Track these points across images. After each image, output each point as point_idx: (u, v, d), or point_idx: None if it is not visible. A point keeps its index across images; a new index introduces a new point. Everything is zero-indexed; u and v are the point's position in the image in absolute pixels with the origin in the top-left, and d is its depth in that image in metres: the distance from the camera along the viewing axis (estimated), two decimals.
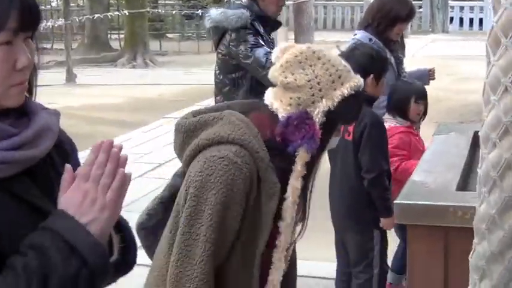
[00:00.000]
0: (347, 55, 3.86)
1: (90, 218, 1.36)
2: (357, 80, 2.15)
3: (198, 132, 2.13)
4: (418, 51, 19.46)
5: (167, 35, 24.96)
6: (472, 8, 26.82)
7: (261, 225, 2.10)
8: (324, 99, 2.08)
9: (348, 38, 4.97)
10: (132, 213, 2.43)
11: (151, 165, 8.28)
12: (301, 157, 2.09)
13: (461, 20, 27.10)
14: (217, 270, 2.08)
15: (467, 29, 26.54)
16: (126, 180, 1.41)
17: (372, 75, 3.84)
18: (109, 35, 22.67)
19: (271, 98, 2.14)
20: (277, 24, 4.77)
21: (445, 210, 2.36)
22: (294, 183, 2.12)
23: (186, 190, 2.07)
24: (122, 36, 20.87)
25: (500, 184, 1.25)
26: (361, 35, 4.59)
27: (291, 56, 2.13)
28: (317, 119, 2.07)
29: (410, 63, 4.94)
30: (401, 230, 4.28)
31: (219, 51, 4.63)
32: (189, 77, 16.05)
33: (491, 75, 1.25)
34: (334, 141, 2.23)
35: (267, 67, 4.41)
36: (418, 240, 2.42)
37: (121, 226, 1.54)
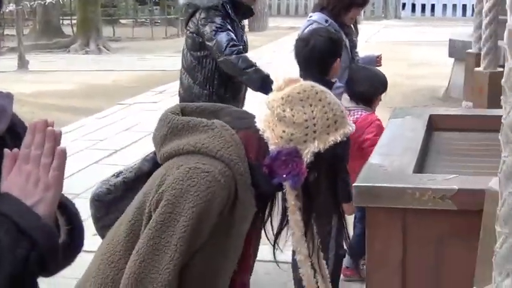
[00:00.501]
0: (307, 42, 3.89)
1: (35, 199, 1.37)
2: (350, 128, 2.16)
3: (184, 133, 2.11)
4: (371, 37, 19.61)
5: (120, 20, 24.74)
6: None
7: (229, 247, 2.12)
8: (316, 141, 2.09)
9: (300, 24, 4.99)
10: (87, 200, 2.42)
11: (107, 152, 8.22)
12: (289, 192, 2.11)
13: (413, 6, 27.38)
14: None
15: (420, 15, 26.82)
16: (65, 156, 1.42)
17: (338, 59, 3.91)
18: (61, 21, 22.37)
19: (263, 124, 2.13)
20: (249, 11, 4.78)
21: (402, 192, 2.39)
22: (293, 216, 2.14)
23: (160, 192, 2.04)
24: (74, 21, 20.62)
25: None
26: (317, 16, 4.61)
27: (294, 91, 2.13)
28: (306, 158, 2.08)
29: (364, 49, 5.00)
30: (358, 215, 4.34)
31: (188, 28, 4.69)
32: (143, 63, 15.95)
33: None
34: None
35: (225, 53, 4.43)
36: (376, 221, 2.45)
37: (67, 208, 1.54)
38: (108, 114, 10.37)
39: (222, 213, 2.05)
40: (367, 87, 4.40)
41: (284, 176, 2.07)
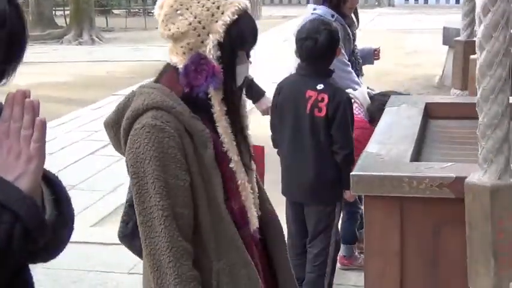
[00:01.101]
0: (309, 38, 3.89)
1: (18, 172, 1.36)
2: (238, 4, 2.16)
3: (121, 119, 2.18)
4: (365, 25, 19.57)
5: (113, 11, 24.67)
6: None
7: (209, 175, 2.14)
8: (210, 35, 2.11)
9: (295, 13, 4.97)
10: (84, 191, 2.44)
11: (102, 143, 8.20)
12: (214, 96, 2.14)
13: None
14: (195, 238, 2.11)
15: (413, 3, 26.80)
16: (45, 127, 1.40)
17: (340, 47, 3.99)
18: (54, 12, 22.29)
19: (169, 54, 2.19)
20: None
21: (400, 180, 2.40)
22: (221, 123, 2.16)
23: (128, 173, 2.12)
24: (67, 12, 20.55)
25: None
26: (322, 10, 4.56)
27: (167, 7, 2.16)
28: (211, 56, 2.11)
29: (358, 38, 4.98)
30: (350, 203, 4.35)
31: None
32: (136, 54, 15.92)
33: None
34: (244, 69, 2.23)
35: None
36: (374, 210, 2.46)
37: (49, 180, 1.53)
38: (103, 105, 10.35)
39: (186, 152, 2.09)
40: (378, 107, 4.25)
41: (204, 82, 2.10)
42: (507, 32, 2.05)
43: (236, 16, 2.13)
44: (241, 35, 2.16)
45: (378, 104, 4.23)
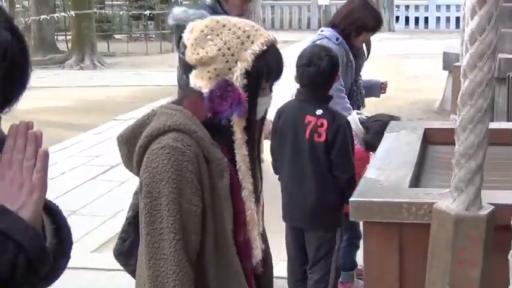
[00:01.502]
0: (309, 64, 3.91)
1: (20, 202, 1.38)
2: (267, 35, 2.18)
3: (138, 137, 2.17)
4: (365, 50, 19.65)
5: (115, 36, 24.77)
6: (417, 7, 27.19)
7: (221, 204, 2.14)
8: (238, 63, 2.12)
9: (296, 38, 5.01)
10: (85, 216, 2.45)
11: (103, 168, 8.22)
12: (237, 124, 2.14)
13: (407, 18, 27.46)
14: (196, 265, 2.11)
15: (413, 28, 26.90)
16: (48, 158, 1.42)
17: (339, 73, 4.01)
18: (56, 37, 22.38)
19: (193, 79, 2.18)
20: None
21: (399, 206, 2.40)
22: (240, 151, 2.17)
23: (140, 192, 2.11)
24: (69, 37, 20.63)
25: None
26: (329, 32, 4.59)
27: (198, 32, 2.18)
28: (238, 84, 2.11)
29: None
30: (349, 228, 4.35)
31: (180, 49, 4.67)
32: (138, 78, 15.97)
33: None
34: (266, 100, 2.25)
35: None
36: (373, 236, 2.46)
37: (50, 209, 1.54)
38: (104, 130, 10.38)
39: (201, 178, 2.09)
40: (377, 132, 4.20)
41: (228, 109, 2.10)
42: (492, 62, 2.06)
43: (265, 47, 2.15)
44: (267, 66, 2.17)
45: (373, 132, 4.23)
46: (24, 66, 1.43)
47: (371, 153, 4.29)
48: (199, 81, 2.16)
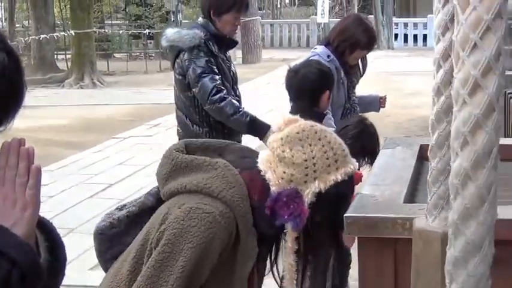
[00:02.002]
0: (297, 73, 3.93)
1: (13, 220, 1.39)
2: (352, 167, 2.17)
3: (187, 172, 2.12)
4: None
5: (114, 54, 24.86)
6: (415, 25, 27.31)
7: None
8: (316, 181, 2.09)
9: (295, 56, 5.04)
10: (84, 234, 2.45)
11: (102, 186, 8.23)
12: (289, 233, 2.11)
13: (405, 36, 27.58)
14: None
15: (412, 45, 27.00)
16: (40, 174, 1.43)
17: (327, 92, 3.94)
18: (56, 56, 22.47)
19: (264, 165, 2.14)
20: (233, 43, 4.82)
21: (393, 221, 2.41)
22: (288, 260, 2.15)
23: (161, 230, 2.05)
24: (68, 56, 20.71)
25: (471, 139, 1.33)
26: (321, 50, 4.62)
27: (293, 131, 2.14)
28: (307, 199, 2.08)
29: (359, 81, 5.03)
30: None
31: (175, 69, 4.70)
32: (137, 97, 16.02)
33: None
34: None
35: (209, 103, 4.47)
36: (368, 252, 2.47)
37: (44, 226, 1.54)
38: (103, 149, 10.40)
39: (223, 254, 2.05)
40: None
41: (286, 217, 2.06)
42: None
43: (346, 178, 2.15)
44: (339, 195, 2.17)
45: (349, 138, 4.15)
46: (19, 85, 1.45)
47: (360, 169, 4.23)
48: (270, 173, 2.11)
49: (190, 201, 2.04)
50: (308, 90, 3.89)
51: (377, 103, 5.08)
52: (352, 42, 4.60)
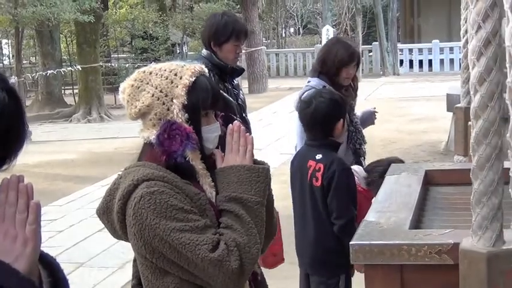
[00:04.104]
0: (309, 104, 3.96)
1: (14, 255, 1.40)
2: (193, 67, 2.27)
3: (112, 204, 2.23)
4: (371, 94, 19.78)
5: None
6: (421, 50, 27.34)
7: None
8: (174, 100, 2.19)
9: (301, 84, 5.07)
10: (93, 268, 2.46)
11: None
12: (193, 157, 2.20)
13: (411, 62, 27.60)
14: None
15: (417, 71, 27.03)
16: (39, 210, 1.45)
17: (341, 120, 3.96)
18: (63, 91, 22.60)
19: (141, 133, 2.27)
20: (237, 71, 4.81)
21: (399, 248, 2.42)
22: (205, 180, 2.24)
23: (143, 247, 2.14)
24: (76, 91, 20.82)
25: None
26: (315, 82, 4.68)
27: (129, 88, 2.27)
28: (180, 120, 2.18)
29: (364, 107, 5.06)
30: None
31: None
32: None
33: None
34: (212, 129, 2.30)
35: None
36: (375, 279, 2.47)
37: (47, 262, 1.56)
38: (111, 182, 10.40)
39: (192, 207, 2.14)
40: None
41: (179, 147, 2.16)
42: (501, 101, 2.10)
43: (194, 78, 2.23)
44: (201, 95, 2.24)
45: (376, 176, 4.16)
46: (20, 125, 1.47)
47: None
48: (146, 133, 2.24)
49: (128, 211, 2.14)
50: (321, 122, 3.93)
51: (372, 116, 5.14)
52: (337, 61, 4.65)
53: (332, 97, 4.02)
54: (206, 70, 2.33)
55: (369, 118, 5.13)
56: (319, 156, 3.88)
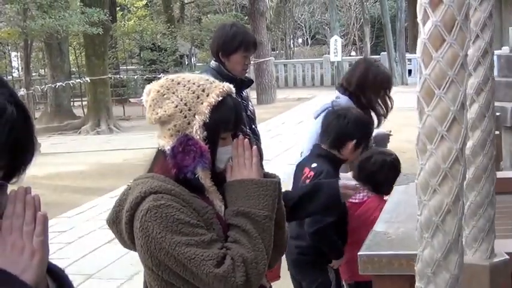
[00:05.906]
0: (336, 114, 3.95)
1: (21, 267, 1.40)
2: (222, 87, 2.24)
3: (121, 215, 2.23)
4: None
5: (130, 99, 25.04)
6: None
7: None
8: (196, 116, 2.18)
9: (308, 95, 5.07)
10: (102, 280, 2.46)
11: None
12: (203, 176, 2.19)
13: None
14: None
15: None
16: (46, 221, 1.45)
17: (354, 141, 3.90)
18: (72, 103, 22.68)
19: (157, 140, 2.27)
20: (246, 83, 4.79)
21: (408, 259, 2.41)
22: (215, 196, 2.25)
23: (149, 259, 2.16)
24: (85, 103, 20.88)
25: (442, 228, 1.34)
26: (345, 101, 4.63)
27: (154, 93, 2.25)
28: (198, 136, 2.17)
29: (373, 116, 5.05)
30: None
31: None
32: (153, 141, 15.82)
33: (427, 125, 1.35)
34: (227, 151, 2.29)
35: None
36: None
37: (56, 274, 1.56)
38: None
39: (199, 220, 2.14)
40: (387, 175, 4.12)
41: (192, 163, 2.15)
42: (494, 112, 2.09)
43: (221, 98, 2.21)
44: (224, 117, 2.22)
45: (375, 167, 4.15)
46: (29, 139, 1.47)
47: (385, 197, 4.17)
48: (162, 141, 2.24)
49: (135, 223, 2.16)
50: (335, 131, 3.90)
51: (386, 139, 5.12)
52: (375, 87, 4.74)
53: (360, 117, 4.01)
54: (234, 90, 2.31)
55: (382, 141, 5.10)
56: (314, 165, 3.86)
